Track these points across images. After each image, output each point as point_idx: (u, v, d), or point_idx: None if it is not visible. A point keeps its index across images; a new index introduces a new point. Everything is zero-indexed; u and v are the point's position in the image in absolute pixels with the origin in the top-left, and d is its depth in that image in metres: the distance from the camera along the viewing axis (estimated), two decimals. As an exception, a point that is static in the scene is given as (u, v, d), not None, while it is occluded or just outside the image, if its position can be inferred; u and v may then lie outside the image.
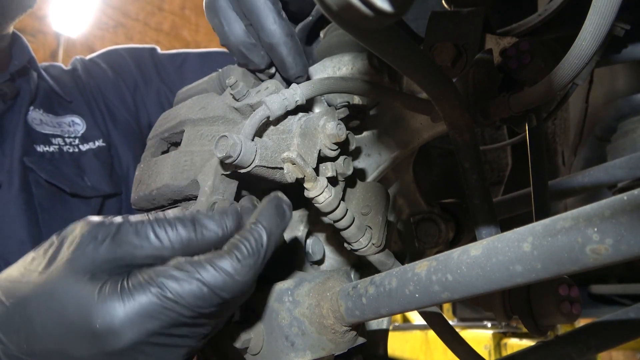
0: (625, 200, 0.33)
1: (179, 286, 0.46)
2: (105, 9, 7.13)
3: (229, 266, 0.47)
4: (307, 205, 0.75)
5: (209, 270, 0.47)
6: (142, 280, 0.46)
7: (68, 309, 0.46)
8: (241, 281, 0.48)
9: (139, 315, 0.45)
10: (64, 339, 0.46)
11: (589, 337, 0.75)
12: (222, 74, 0.75)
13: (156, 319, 0.46)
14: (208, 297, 0.46)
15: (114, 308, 0.45)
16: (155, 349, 0.47)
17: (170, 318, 0.46)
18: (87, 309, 0.45)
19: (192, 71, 1.59)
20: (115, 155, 1.44)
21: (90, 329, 0.45)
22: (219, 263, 0.47)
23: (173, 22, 7.98)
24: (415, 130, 0.78)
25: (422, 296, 0.48)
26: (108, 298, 0.45)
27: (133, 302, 0.45)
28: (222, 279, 0.47)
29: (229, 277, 0.47)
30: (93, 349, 0.46)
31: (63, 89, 1.44)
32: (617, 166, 1.12)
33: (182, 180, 0.64)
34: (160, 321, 0.46)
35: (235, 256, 0.48)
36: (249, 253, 0.49)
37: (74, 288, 0.46)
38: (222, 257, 0.48)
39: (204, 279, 0.46)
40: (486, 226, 0.72)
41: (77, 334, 0.45)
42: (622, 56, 0.92)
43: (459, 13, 0.76)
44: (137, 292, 0.46)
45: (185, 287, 0.46)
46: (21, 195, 1.20)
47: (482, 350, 3.66)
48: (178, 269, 0.47)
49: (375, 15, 0.30)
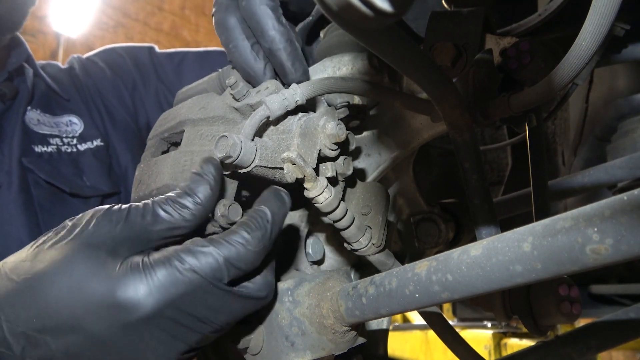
0: (625, 200, 0.33)
1: (197, 259, 0.49)
2: (105, 9, 7.12)
3: (240, 238, 0.52)
4: (307, 205, 0.75)
5: (223, 243, 0.51)
6: (163, 256, 0.49)
7: (88, 281, 0.47)
8: (253, 251, 0.52)
9: (161, 287, 0.47)
10: (81, 311, 0.46)
11: (589, 337, 0.75)
12: (222, 74, 0.75)
13: (175, 290, 0.48)
14: (224, 267, 0.50)
15: (136, 281, 0.47)
16: (171, 326, 0.48)
17: (189, 290, 0.48)
18: (109, 281, 0.47)
19: (191, 70, 1.59)
20: (113, 155, 1.44)
21: (111, 302, 0.46)
22: (231, 237, 0.52)
23: (173, 22, 7.98)
24: (415, 130, 0.78)
25: (422, 296, 0.48)
26: (130, 272, 0.47)
27: (155, 275, 0.47)
28: (235, 249, 0.51)
29: (241, 247, 0.51)
30: (111, 321, 0.46)
31: (60, 88, 1.43)
32: (617, 166, 1.12)
33: (182, 180, 0.64)
34: (180, 292, 0.48)
35: (245, 230, 0.52)
36: (256, 226, 0.53)
37: (95, 261, 0.48)
38: (233, 232, 0.52)
39: (219, 251, 0.50)
40: (486, 226, 0.72)
41: (97, 306, 0.46)
42: (622, 56, 0.92)
43: (459, 13, 0.76)
44: (158, 266, 0.48)
45: (202, 260, 0.49)
46: (20, 196, 1.20)
47: (482, 350, 3.66)
48: (195, 244, 0.51)
49: (375, 15, 0.30)
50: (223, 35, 0.70)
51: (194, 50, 1.65)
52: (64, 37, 6.72)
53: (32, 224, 1.20)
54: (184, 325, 0.49)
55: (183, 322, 0.49)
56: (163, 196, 0.53)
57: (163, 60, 1.60)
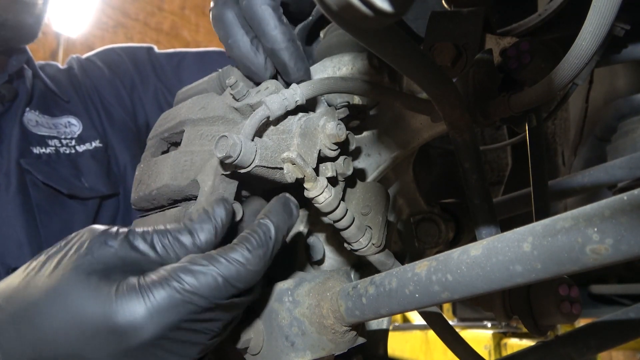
0: (625, 200, 0.33)
1: (196, 279, 0.47)
2: (105, 9, 7.12)
3: (241, 257, 0.50)
4: (307, 205, 0.75)
5: (222, 262, 0.49)
6: (160, 276, 0.47)
7: (84, 308, 0.45)
8: (253, 270, 0.50)
9: (160, 309, 0.46)
10: (79, 339, 0.45)
11: (589, 337, 0.75)
12: (222, 74, 0.75)
13: (176, 313, 0.46)
14: (223, 288, 0.48)
15: (134, 304, 0.45)
16: (174, 345, 0.47)
17: (189, 311, 0.47)
18: (106, 306, 0.45)
19: (190, 70, 1.58)
20: (112, 156, 1.43)
21: (110, 327, 0.45)
22: (231, 255, 0.49)
23: (173, 22, 7.98)
24: (415, 130, 0.78)
25: (422, 296, 0.48)
26: (127, 295, 0.46)
27: (153, 297, 0.46)
28: (235, 269, 0.49)
29: (241, 267, 0.49)
30: (111, 348, 0.45)
31: (59, 89, 1.43)
32: (617, 166, 1.12)
33: (182, 180, 0.64)
34: (180, 314, 0.46)
35: (246, 247, 0.50)
36: (258, 244, 0.51)
37: (89, 287, 0.46)
38: (233, 250, 0.50)
39: (218, 270, 0.48)
40: (486, 226, 0.72)
41: (95, 334, 0.45)
42: (622, 56, 0.92)
43: (459, 13, 0.76)
44: (156, 287, 0.46)
45: (202, 280, 0.47)
46: (18, 197, 1.20)
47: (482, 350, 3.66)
48: (193, 263, 0.48)
49: (375, 15, 0.30)
50: (222, 31, 0.69)
51: (193, 51, 1.64)
52: (64, 37, 6.72)
53: (30, 226, 1.19)
54: (184, 342, 0.48)
55: (183, 338, 0.48)
56: (164, 228, 0.52)
57: (162, 61, 1.60)
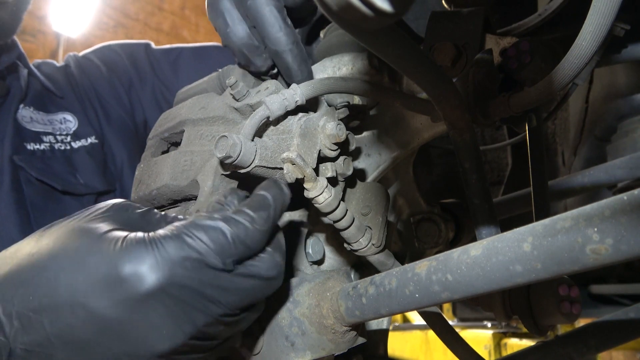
0: (625, 200, 0.33)
1: (206, 234, 0.47)
2: (105, 9, 7.12)
3: (247, 216, 0.51)
4: (307, 205, 0.75)
5: (230, 220, 0.49)
6: (170, 230, 0.47)
7: (89, 256, 0.45)
8: (260, 230, 0.51)
9: (167, 261, 0.45)
10: (81, 288, 0.44)
11: (589, 337, 0.75)
12: (222, 74, 0.75)
13: (184, 266, 0.46)
14: (233, 245, 0.48)
15: (142, 253, 0.45)
16: (177, 304, 0.46)
17: (198, 266, 0.46)
18: (112, 254, 0.45)
19: (187, 66, 1.57)
20: (108, 152, 1.42)
21: (115, 274, 0.44)
22: (237, 215, 0.50)
23: (173, 22, 7.98)
24: (415, 130, 0.78)
25: (422, 296, 0.48)
26: (135, 246, 0.45)
27: (161, 248, 0.45)
28: (243, 227, 0.49)
29: (249, 224, 0.50)
30: (113, 296, 0.44)
31: (55, 86, 1.42)
32: (617, 166, 1.12)
33: (182, 180, 0.64)
34: (188, 270, 0.46)
35: (250, 209, 0.51)
36: (260, 207, 0.52)
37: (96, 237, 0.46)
38: (238, 212, 0.51)
39: (228, 226, 0.49)
40: (486, 226, 0.72)
41: (98, 281, 0.44)
42: (622, 56, 0.92)
43: (459, 13, 0.76)
44: (165, 240, 0.46)
45: (212, 235, 0.47)
46: (12, 194, 1.19)
47: (482, 350, 3.66)
48: (202, 219, 0.49)
49: (375, 15, 0.30)
50: (219, 19, 0.68)
51: (190, 46, 1.63)
52: (64, 37, 6.72)
53: (24, 222, 1.19)
54: (190, 304, 0.46)
55: (189, 300, 0.46)
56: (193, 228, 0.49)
57: (159, 57, 1.59)
